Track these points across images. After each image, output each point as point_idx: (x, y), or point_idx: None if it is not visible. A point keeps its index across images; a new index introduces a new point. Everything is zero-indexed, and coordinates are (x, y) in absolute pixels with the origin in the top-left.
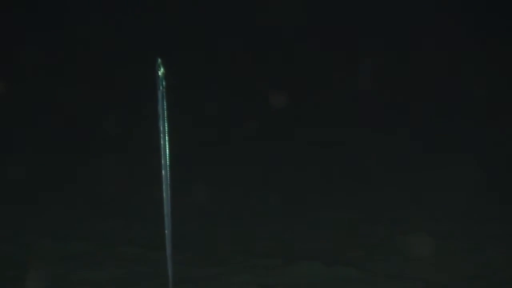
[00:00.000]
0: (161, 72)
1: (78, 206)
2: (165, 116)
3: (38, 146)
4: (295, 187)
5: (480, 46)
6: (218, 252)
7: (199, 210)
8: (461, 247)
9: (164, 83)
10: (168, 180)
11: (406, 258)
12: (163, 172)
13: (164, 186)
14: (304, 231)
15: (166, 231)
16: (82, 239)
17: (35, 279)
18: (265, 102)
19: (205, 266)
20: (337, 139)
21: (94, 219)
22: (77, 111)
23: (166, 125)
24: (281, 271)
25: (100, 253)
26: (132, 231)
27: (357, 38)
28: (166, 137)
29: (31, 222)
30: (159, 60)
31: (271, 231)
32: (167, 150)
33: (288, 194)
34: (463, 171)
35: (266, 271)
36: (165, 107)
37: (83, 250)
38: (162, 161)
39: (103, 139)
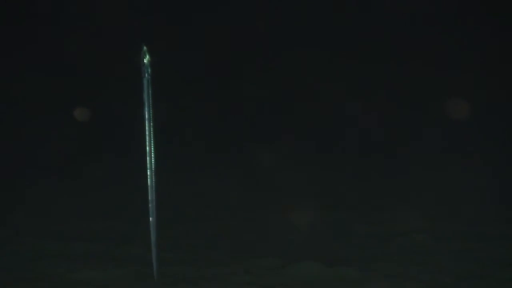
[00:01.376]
0: (146, 59)
1: (79, 206)
2: (150, 103)
3: (32, 143)
4: (295, 187)
5: None
6: (218, 252)
7: (197, 209)
8: (461, 247)
9: (149, 70)
10: (153, 166)
11: (406, 258)
12: (147, 159)
13: (148, 173)
14: (304, 231)
15: (150, 218)
16: (82, 239)
17: (36, 279)
18: None
19: (205, 266)
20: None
21: (94, 219)
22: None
23: (151, 112)
24: (281, 271)
25: (100, 253)
26: (132, 231)
27: None
28: (151, 124)
29: (31, 222)
30: (145, 48)
31: (271, 231)
32: (152, 137)
33: (288, 193)
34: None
35: (266, 271)
36: (150, 94)
37: (83, 250)
38: (147, 148)
39: (102, 139)
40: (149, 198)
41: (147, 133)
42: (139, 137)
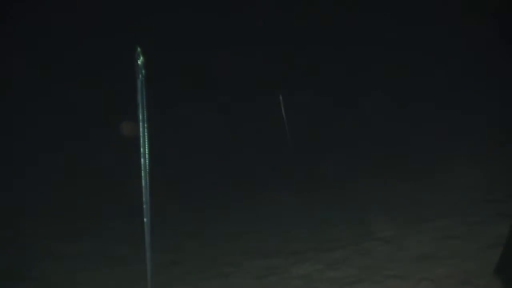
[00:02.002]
0: (140, 61)
1: (78, 206)
2: (144, 104)
3: (32, 144)
4: (295, 188)
5: None
6: (218, 252)
7: (198, 210)
8: (461, 247)
9: (143, 71)
10: (147, 168)
11: (406, 258)
12: (142, 160)
13: (143, 174)
14: (304, 231)
15: (145, 219)
16: (82, 239)
17: (36, 279)
18: None
19: (206, 267)
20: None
21: (94, 220)
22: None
23: (145, 114)
24: (281, 271)
25: (99, 253)
26: (131, 231)
27: None
28: (145, 125)
29: (31, 222)
30: (138, 49)
31: (271, 232)
32: (146, 139)
33: (289, 194)
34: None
35: (266, 271)
36: (144, 95)
37: (83, 250)
38: (141, 150)
39: (101, 138)
40: (143, 199)
41: (141, 134)
42: (137, 138)
